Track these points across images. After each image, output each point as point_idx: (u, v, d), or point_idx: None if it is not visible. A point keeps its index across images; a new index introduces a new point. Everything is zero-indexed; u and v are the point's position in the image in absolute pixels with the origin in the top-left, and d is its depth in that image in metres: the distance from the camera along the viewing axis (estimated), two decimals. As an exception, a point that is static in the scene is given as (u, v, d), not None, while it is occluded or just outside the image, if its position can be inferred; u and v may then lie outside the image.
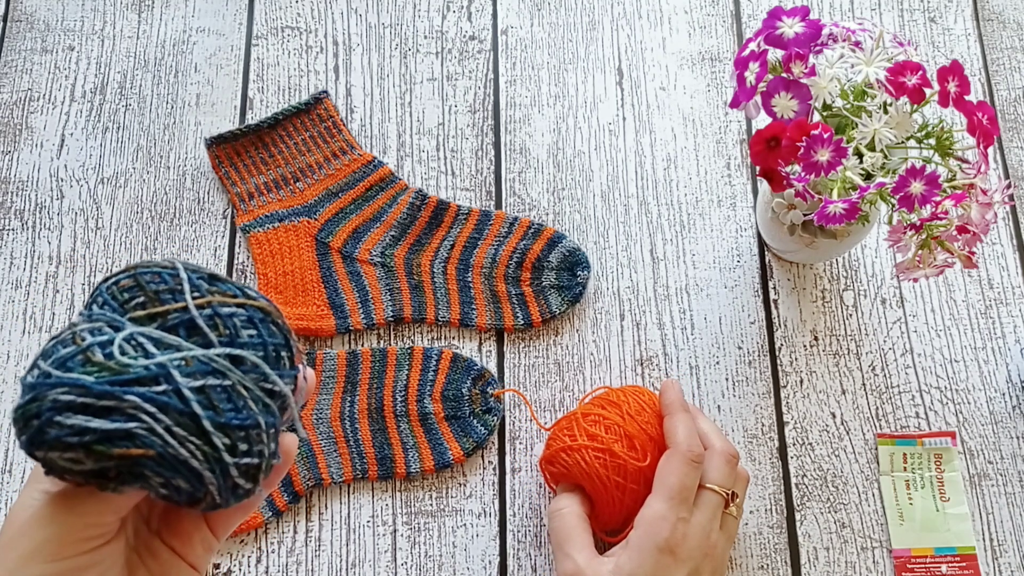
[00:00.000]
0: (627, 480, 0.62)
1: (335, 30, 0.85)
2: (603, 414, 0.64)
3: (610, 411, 0.65)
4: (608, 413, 0.64)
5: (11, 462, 0.71)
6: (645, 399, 0.66)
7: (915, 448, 0.71)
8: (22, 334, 0.75)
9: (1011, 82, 0.83)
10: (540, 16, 0.86)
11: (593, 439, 0.63)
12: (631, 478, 0.62)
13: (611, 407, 0.65)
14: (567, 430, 0.65)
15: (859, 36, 0.59)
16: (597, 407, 0.66)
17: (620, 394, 0.67)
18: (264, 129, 0.78)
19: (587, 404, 0.67)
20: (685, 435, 0.61)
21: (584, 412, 0.65)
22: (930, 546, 0.69)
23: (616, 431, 0.63)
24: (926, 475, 0.70)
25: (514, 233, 0.77)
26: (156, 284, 0.37)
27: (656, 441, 0.63)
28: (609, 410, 0.65)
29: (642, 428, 0.64)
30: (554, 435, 0.66)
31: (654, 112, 0.82)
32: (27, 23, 0.85)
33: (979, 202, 0.56)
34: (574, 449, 0.63)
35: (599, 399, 0.67)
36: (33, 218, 0.78)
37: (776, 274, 0.77)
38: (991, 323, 0.76)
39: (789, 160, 0.57)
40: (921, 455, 0.71)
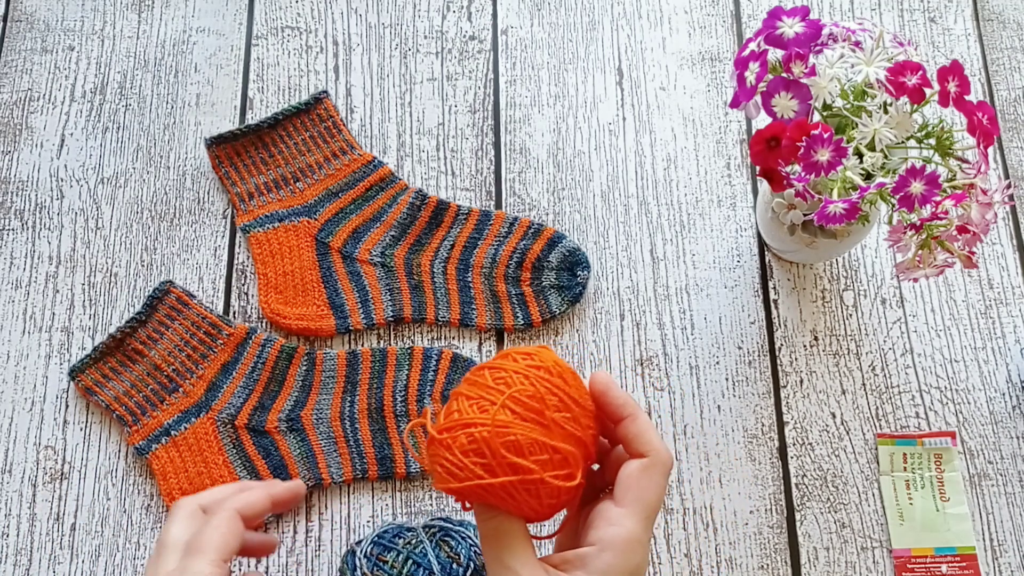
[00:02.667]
0: (559, 497, 0.46)
1: (335, 30, 0.85)
2: (512, 429, 0.45)
3: (521, 422, 0.45)
4: (519, 427, 0.45)
5: (11, 462, 0.71)
6: (545, 375, 0.47)
7: (915, 448, 0.71)
8: (22, 334, 0.75)
9: (1011, 82, 0.83)
10: (540, 16, 0.85)
11: (515, 471, 0.44)
12: (562, 493, 0.46)
13: (521, 408, 0.45)
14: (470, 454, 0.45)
15: (859, 36, 0.59)
16: (502, 411, 0.45)
17: (517, 378, 0.46)
18: (264, 129, 0.78)
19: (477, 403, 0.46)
20: (661, 443, 0.49)
21: (495, 429, 0.45)
22: (930, 546, 0.69)
23: (537, 447, 0.45)
24: (926, 475, 0.70)
25: (514, 233, 0.77)
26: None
27: (579, 438, 0.47)
28: (520, 419, 0.45)
29: (565, 429, 0.46)
30: (460, 466, 0.45)
31: (654, 112, 0.82)
32: (27, 23, 0.85)
33: (979, 202, 0.56)
34: (488, 490, 0.45)
35: (486, 389, 0.46)
36: (33, 218, 0.78)
37: (776, 274, 0.77)
38: (991, 323, 0.75)
39: (789, 160, 0.56)
40: (921, 455, 0.71)
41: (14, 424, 0.72)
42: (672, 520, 0.70)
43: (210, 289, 0.77)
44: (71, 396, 0.73)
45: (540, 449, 0.45)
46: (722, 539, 0.70)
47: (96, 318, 0.75)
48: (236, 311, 0.76)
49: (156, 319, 0.73)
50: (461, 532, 0.64)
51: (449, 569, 0.61)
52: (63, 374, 0.74)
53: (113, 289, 0.76)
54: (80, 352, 0.74)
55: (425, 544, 0.63)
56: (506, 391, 0.45)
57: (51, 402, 0.73)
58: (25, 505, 0.70)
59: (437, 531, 0.64)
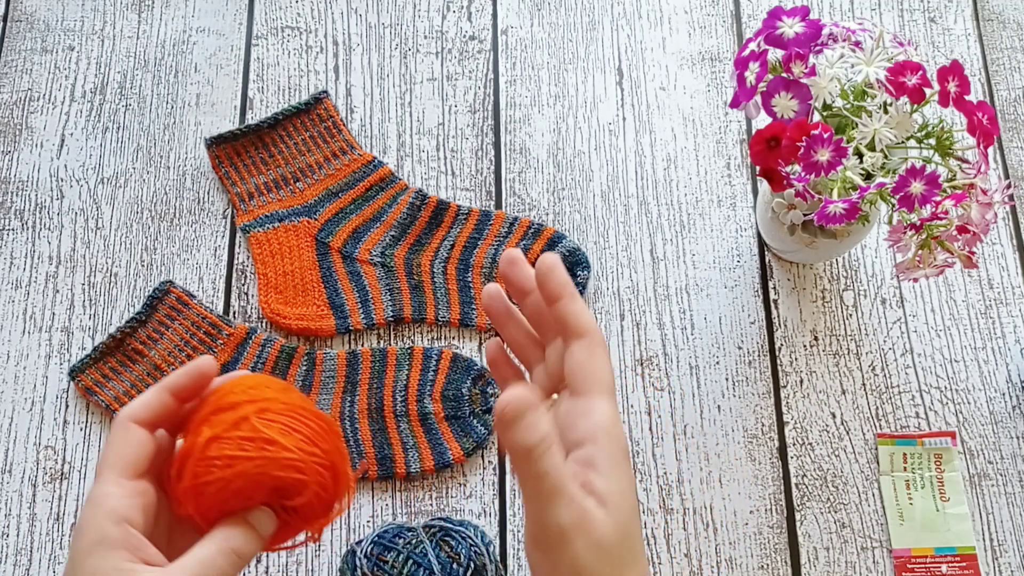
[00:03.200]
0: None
1: (335, 30, 0.85)
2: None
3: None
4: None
5: (11, 462, 0.71)
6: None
7: (915, 448, 0.71)
8: (22, 334, 0.75)
9: (1011, 82, 0.83)
10: (540, 16, 0.85)
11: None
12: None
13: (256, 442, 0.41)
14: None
15: (859, 36, 0.59)
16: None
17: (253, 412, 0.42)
18: (264, 129, 0.78)
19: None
20: (594, 321, 0.45)
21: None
22: (930, 546, 0.69)
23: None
24: (926, 475, 0.70)
25: (514, 233, 0.77)
26: None
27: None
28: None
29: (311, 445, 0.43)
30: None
31: (654, 112, 0.82)
32: (27, 23, 0.85)
33: (979, 202, 0.56)
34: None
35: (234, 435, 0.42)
36: (33, 218, 0.78)
37: (776, 274, 0.77)
38: (991, 323, 0.75)
39: (789, 160, 0.57)
40: (921, 455, 0.71)
41: (14, 424, 0.72)
42: (672, 520, 0.70)
43: (210, 289, 0.77)
44: (71, 396, 0.73)
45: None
46: (722, 539, 0.70)
47: (96, 318, 0.75)
48: (236, 311, 0.76)
49: (156, 319, 0.73)
50: (461, 532, 0.64)
51: (449, 569, 0.61)
52: (63, 374, 0.74)
53: (113, 289, 0.76)
54: (80, 352, 0.74)
55: (425, 544, 0.63)
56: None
57: (51, 402, 0.73)
58: (25, 505, 0.70)
59: (437, 531, 0.64)
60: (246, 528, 0.41)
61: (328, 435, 0.43)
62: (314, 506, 0.42)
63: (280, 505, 0.42)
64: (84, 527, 0.39)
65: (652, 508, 0.70)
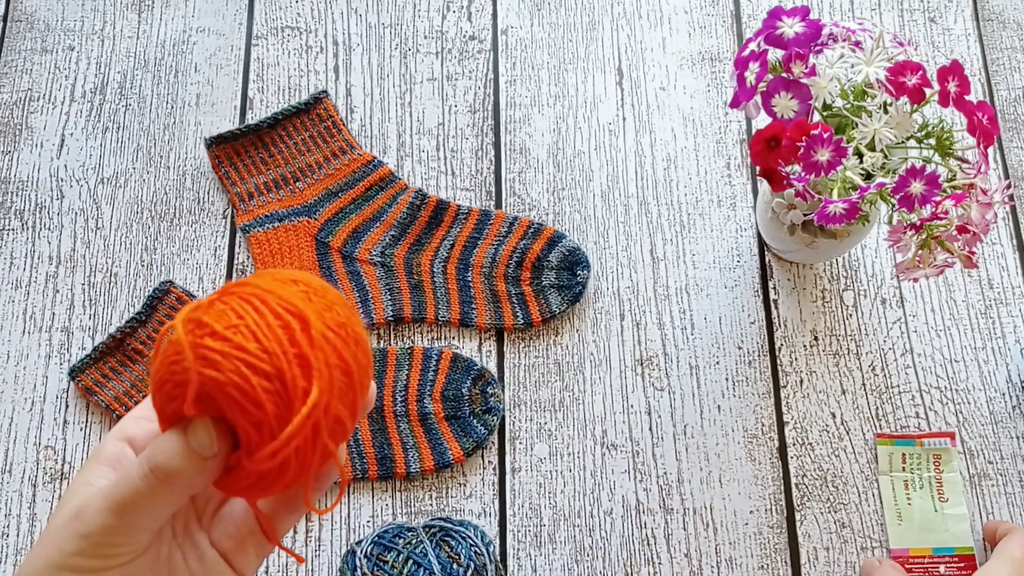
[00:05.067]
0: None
1: (335, 30, 0.85)
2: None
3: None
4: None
5: (11, 462, 0.71)
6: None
7: (914, 448, 0.71)
8: (22, 334, 0.75)
9: (1011, 82, 0.83)
10: (540, 16, 0.85)
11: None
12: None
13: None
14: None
15: (859, 36, 0.59)
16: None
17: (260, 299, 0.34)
18: (264, 129, 0.78)
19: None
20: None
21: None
22: (928, 546, 0.69)
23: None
24: (925, 475, 0.70)
25: (514, 233, 0.77)
26: None
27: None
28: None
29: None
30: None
31: (654, 112, 0.82)
32: (27, 23, 0.85)
33: (979, 202, 0.56)
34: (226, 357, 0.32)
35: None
36: (33, 218, 0.78)
37: (776, 274, 0.77)
38: (991, 323, 0.75)
39: (789, 160, 0.56)
40: (920, 455, 0.71)
41: (14, 424, 0.72)
42: (672, 520, 0.70)
43: (210, 289, 0.77)
44: (71, 396, 0.73)
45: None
46: (722, 539, 0.70)
47: (96, 318, 0.75)
48: (236, 311, 0.76)
49: (156, 319, 0.73)
50: (461, 532, 0.64)
51: (449, 569, 0.61)
52: (63, 374, 0.74)
53: (113, 289, 0.76)
54: (80, 352, 0.74)
55: (425, 544, 0.63)
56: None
57: (51, 402, 0.73)
58: (25, 505, 0.70)
59: (437, 531, 0.64)
60: (175, 442, 0.33)
61: (311, 342, 0.33)
62: (248, 431, 0.32)
63: (226, 423, 0.33)
64: (96, 446, 0.38)
65: (652, 508, 0.70)
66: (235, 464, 0.33)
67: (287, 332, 0.33)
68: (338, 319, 0.34)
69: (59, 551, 0.33)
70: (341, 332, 0.34)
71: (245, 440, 0.32)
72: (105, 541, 0.33)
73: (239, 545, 0.38)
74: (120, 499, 0.33)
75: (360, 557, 0.63)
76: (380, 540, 0.64)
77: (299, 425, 0.32)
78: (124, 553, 0.33)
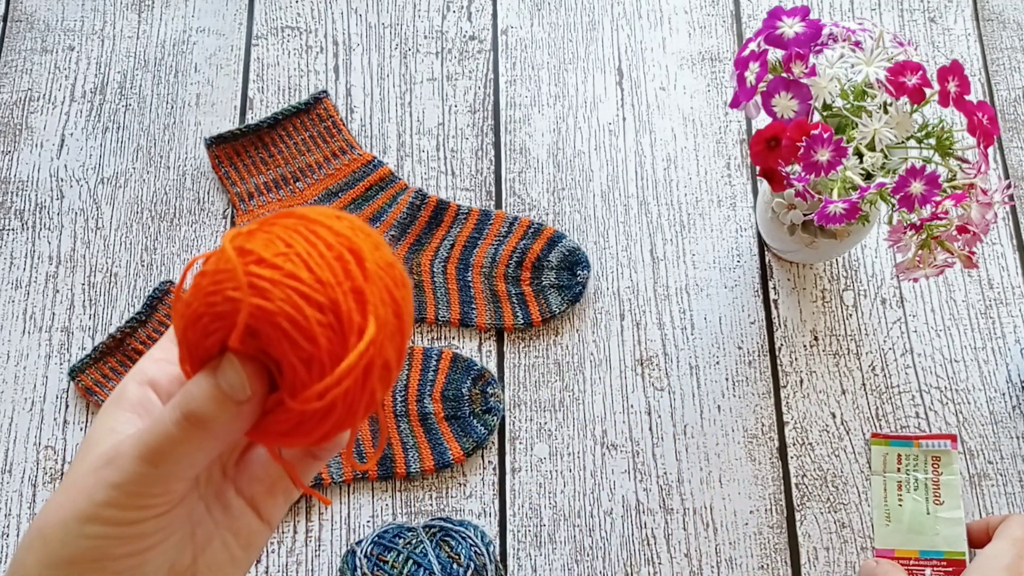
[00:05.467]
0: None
1: (335, 30, 0.85)
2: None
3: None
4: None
5: (11, 462, 0.71)
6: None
7: (911, 450, 0.71)
8: (22, 334, 0.75)
9: (1011, 82, 0.83)
10: (540, 16, 0.85)
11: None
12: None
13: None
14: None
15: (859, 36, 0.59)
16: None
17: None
18: (264, 129, 0.78)
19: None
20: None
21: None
22: (915, 548, 0.68)
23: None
24: (920, 477, 0.70)
25: (514, 233, 0.77)
26: None
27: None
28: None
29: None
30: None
31: (654, 112, 0.82)
32: (27, 23, 0.85)
33: (979, 202, 0.56)
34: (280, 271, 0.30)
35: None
36: (33, 218, 0.78)
37: (776, 274, 0.77)
38: (991, 323, 0.75)
39: (789, 160, 0.56)
40: (917, 457, 0.70)
41: (14, 424, 0.72)
42: (672, 520, 0.70)
43: (210, 289, 0.77)
44: (71, 396, 0.73)
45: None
46: (722, 539, 0.70)
47: (96, 318, 0.75)
48: (236, 311, 0.76)
49: (156, 319, 0.73)
50: (461, 532, 0.64)
51: (449, 569, 0.61)
52: (63, 374, 0.74)
53: (113, 289, 0.76)
54: (80, 352, 0.74)
55: (425, 544, 0.63)
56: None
57: (51, 402, 0.73)
58: (25, 505, 0.70)
59: (437, 531, 0.64)
60: (208, 385, 0.30)
61: (366, 275, 0.30)
62: (297, 368, 0.29)
63: (269, 359, 0.30)
64: (115, 390, 0.35)
65: (652, 508, 0.70)
66: (272, 408, 0.31)
67: (341, 264, 0.30)
68: (387, 258, 0.31)
69: (89, 501, 0.30)
70: (390, 272, 0.31)
71: (291, 379, 0.29)
72: (140, 491, 0.30)
73: (268, 490, 0.36)
74: (155, 446, 0.30)
75: (360, 557, 0.63)
76: (380, 540, 0.64)
77: (354, 362, 0.29)
78: (160, 504, 0.31)
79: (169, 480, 0.31)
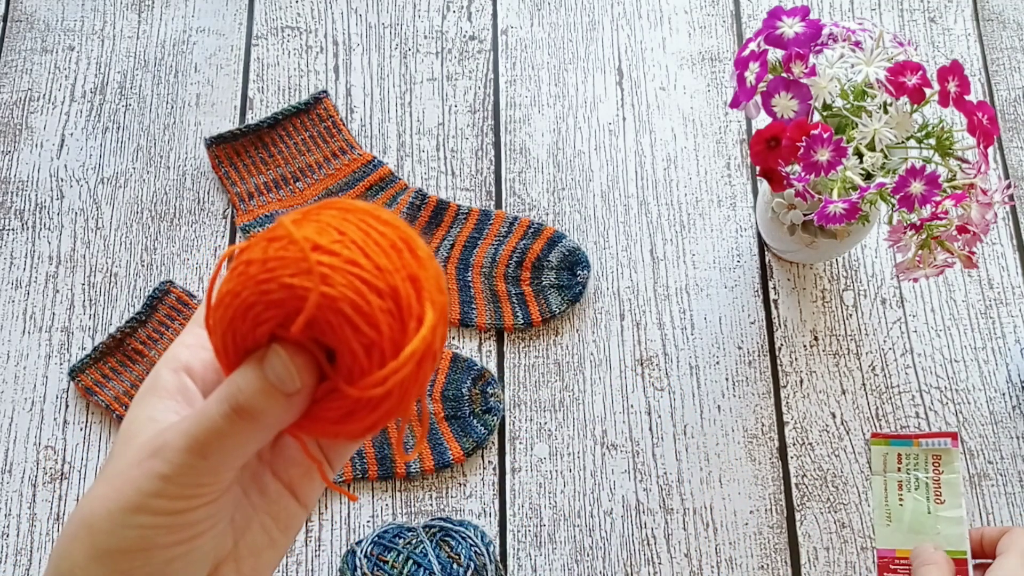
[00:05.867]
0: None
1: (335, 30, 0.85)
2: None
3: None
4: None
5: (11, 462, 0.71)
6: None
7: (911, 449, 0.70)
8: (22, 334, 0.75)
9: (1011, 82, 0.83)
10: (540, 16, 0.85)
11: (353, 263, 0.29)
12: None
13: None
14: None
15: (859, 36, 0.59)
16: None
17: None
18: (264, 129, 0.78)
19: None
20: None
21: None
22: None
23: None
24: (921, 477, 0.69)
25: (514, 233, 0.77)
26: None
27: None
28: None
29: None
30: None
31: (654, 112, 0.82)
32: (27, 23, 0.85)
33: (979, 202, 0.56)
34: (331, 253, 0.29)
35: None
36: (33, 218, 0.78)
37: (776, 274, 0.77)
38: (991, 323, 0.75)
39: (789, 160, 0.57)
40: (918, 456, 0.70)
41: (14, 424, 0.72)
42: (672, 520, 0.70)
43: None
44: (71, 396, 0.73)
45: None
46: (722, 539, 0.70)
47: (96, 318, 0.75)
48: (236, 311, 0.76)
49: (156, 319, 0.73)
50: (461, 532, 0.64)
51: (449, 569, 0.61)
52: (63, 374, 0.74)
53: (113, 289, 0.76)
54: (80, 352, 0.74)
55: (425, 544, 0.63)
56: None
57: (51, 402, 0.73)
58: (25, 505, 0.70)
59: (437, 531, 0.64)
60: (254, 376, 0.30)
61: (420, 263, 0.30)
62: (359, 355, 0.29)
63: (319, 347, 0.30)
64: (151, 374, 0.34)
65: (652, 508, 0.70)
66: (321, 396, 0.30)
67: (396, 251, 0.30)
68: (428, 250, 0.31)
69: (137, 491, 0.30)
70: (435, 262, 0.31)
71: (348, 365, 0.29)
72: (190, 482, 0.30)
73: (304, 473, 0.35)
74: (203, 439, 0.30)
75: (360, 557, 0.63)
76: (380, 540, 0.64)
77: (417, 348, 0.29)
78: (209, 493, 0.31)
79: (219, 471, 0.31)
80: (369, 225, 0.30)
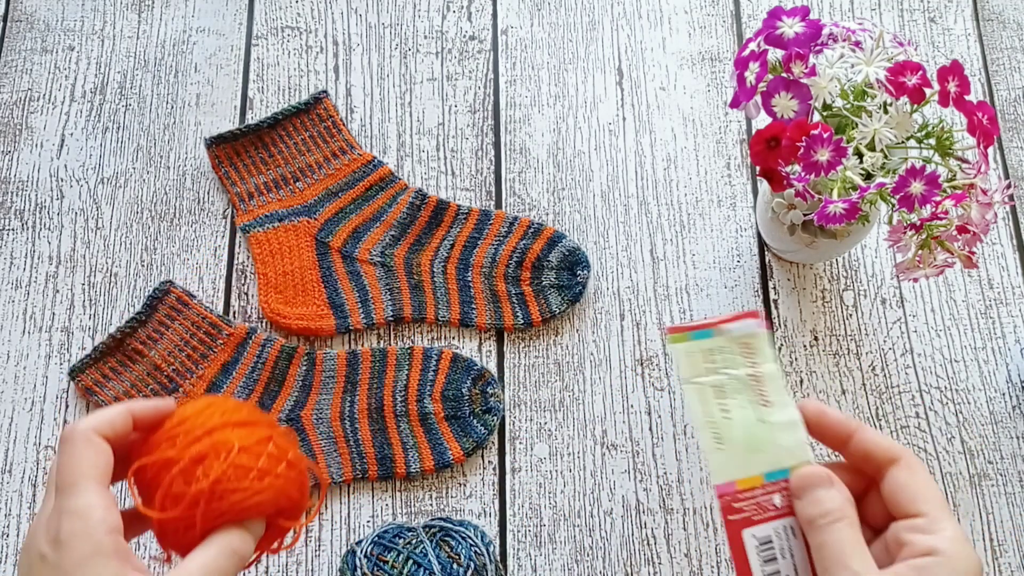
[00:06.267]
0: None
1: (335, 30, 0.85)
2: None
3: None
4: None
5: (11, 462, 0.71)
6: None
7: (714, 341, 0.50)
8: (22, 334, 0.75)
9: (1011, 82, 0.83)
10: (540, 16, 0.86)
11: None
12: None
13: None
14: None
15: (859, 36, 0.59)
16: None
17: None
18: (264, 129, 0.78)
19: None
20: (896, 441, 0.49)
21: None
22: (758, 473, 0.48)
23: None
24: (736, 374, 0.50)
25: (514, 233, 0.77)
26: None
27: None
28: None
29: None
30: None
31: (654, 112, 0.82)
32: (27, 23, 0.85)
33: (979, 202, 0.56)
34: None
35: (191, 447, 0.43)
36: (33, 218, 0.78)
37: (776, 274, 0.77)
38: (991, 323, 0.76)
39: (789, 160, 0.57)
40: (723, 348, 0.50)
41: (14, 424, 0.72)
42: (672, 520, 0.70)
43: (210, 289, 0.77)
44: (71, 396, 0.73)
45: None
46: (722, 539, 0.70)
47: (96, 318, 0.75)
48: (236, 311, 0.76)
49: (156, 319, 0.73)
50: (461, 532, 0.64)
51: (450, 569, 0.61)
52: (63, 374, 0.74)
53: (113, 289, 0.76)
54: (80, 352, 0.74)
55: (425, 544, 0.63)
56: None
57: (51, 402, 0.73)
58: (25, 505, 0.70)
59: (437, 531, 0.64)
60: (243, 531, 0.43)
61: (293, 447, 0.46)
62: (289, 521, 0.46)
63: (273, 519, 0.45)
64: (73, 540, 0.38)
65: (652, 508, 0.70)
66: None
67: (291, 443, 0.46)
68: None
69: None
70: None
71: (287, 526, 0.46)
72: None
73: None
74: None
75: (360, 557, 0.63)
76: (380, 540, 0.64)
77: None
78: None
79: None
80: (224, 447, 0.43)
